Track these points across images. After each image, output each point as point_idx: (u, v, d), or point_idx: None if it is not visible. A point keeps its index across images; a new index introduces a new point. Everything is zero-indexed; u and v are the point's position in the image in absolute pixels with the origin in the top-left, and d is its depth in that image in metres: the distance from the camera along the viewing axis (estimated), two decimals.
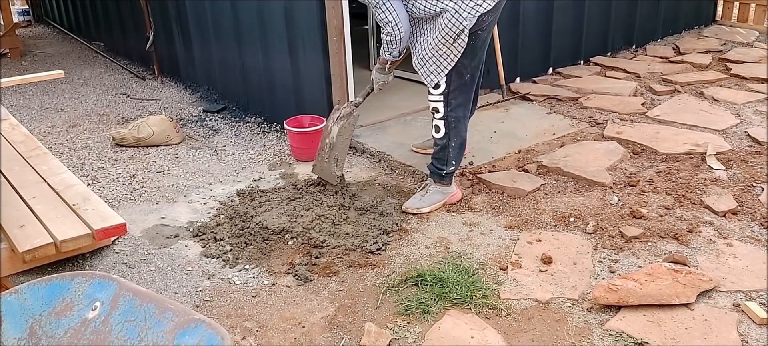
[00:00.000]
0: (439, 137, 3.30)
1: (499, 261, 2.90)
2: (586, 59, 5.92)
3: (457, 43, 3.04)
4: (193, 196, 3.70)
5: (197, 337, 1.60)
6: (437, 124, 3.28)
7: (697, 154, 3.84)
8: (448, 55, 3.09)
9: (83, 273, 1.88)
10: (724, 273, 2.72)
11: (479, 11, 3.00)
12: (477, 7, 3.00)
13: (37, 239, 2.84)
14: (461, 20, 3.00)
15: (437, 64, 3.13)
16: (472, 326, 2.46)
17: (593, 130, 4.34)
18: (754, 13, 7.05)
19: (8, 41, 7.49)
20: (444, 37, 3.04)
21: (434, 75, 3.16)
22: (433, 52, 3.11)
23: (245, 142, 4.49)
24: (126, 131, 4.51)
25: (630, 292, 2.53)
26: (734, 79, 5.30)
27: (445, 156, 3.32)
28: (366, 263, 2.91)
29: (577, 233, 3.11)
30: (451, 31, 3.02)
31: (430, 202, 3.37)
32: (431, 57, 3.13)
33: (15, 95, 5.87)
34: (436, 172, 3.37)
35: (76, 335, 1.77)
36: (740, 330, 2.38)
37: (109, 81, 6.31)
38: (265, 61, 4.66)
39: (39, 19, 10.15)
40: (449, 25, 3.01)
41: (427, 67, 3.17)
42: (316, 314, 2.60)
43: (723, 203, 3.27)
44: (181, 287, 2.82)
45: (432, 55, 3.12)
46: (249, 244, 3.10)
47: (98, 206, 3.12)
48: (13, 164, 3.55)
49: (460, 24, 3.00)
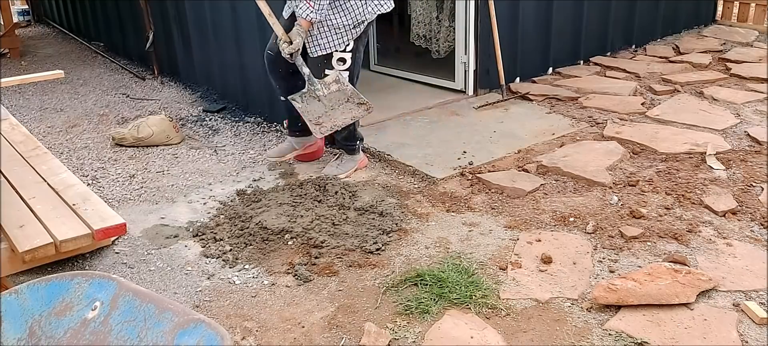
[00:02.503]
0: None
1: (499, 261, 2.90)
2: (585, 59, 5.92)
3: (356, 29, 3.49)
4: (193, 196, 3.70)
5: (197, 337, 1.60)
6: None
7: (696, 154, 3.84)
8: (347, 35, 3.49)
9: (83, 273, 1.88)
10: (724, 273, 2.72)
11: (380, 11, 3.54)
12: (379, 6, 3.52)
13: (36, 239, 2.84)
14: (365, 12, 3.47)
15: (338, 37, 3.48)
16: (472, 326, 2.46)
17: (593, 130, 4.35)
18: (754, 12, 7.05)
19: (8, 41, 7.48)
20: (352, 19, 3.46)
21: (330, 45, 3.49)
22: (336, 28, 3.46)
23: (245, 142, 4.48)
24: (126, 131, 4.51)
25: (630, 292, 2.54)
26: (734, 79, 5.30)
27: (352, 133, 3.76)
28: (366, 263, 2.91)
29: (576, 232, 3.11)
30: (356, 18, 3.46)
31: (346, 169, 3.82)
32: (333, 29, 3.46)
33: (15, 95, 5.87)
34: (349, 149, 3.84)
35: (76, 336, 1.77)
36: (740, 330, 2.39)
37: (108, 81, 6.31)
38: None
39: (39, 19, 10.14)
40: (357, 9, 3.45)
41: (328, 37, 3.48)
42: (315, 314, 2.60)
43: (723, 203, 3.27)
44: (180, 287, 2.82)
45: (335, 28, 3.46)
46: (249, 244, 3.10)
47: (98, 206, 3.12)
48: (13, 164, 3.55)
49: (363, 14, 3.47)
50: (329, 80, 3.54)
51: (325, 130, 3.55)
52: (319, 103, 3.54)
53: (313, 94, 3.52)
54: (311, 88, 3.53)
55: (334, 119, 3.55)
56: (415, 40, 5.80)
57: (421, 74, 5.48)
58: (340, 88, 3.55)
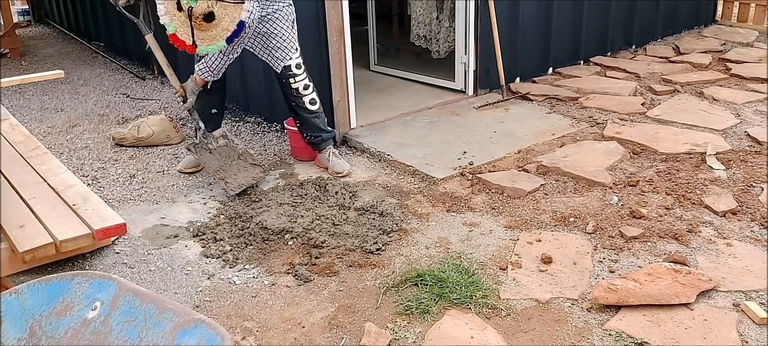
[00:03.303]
0: (317, 108, 3.80)
1: (499, 261, 2.90)
2: (585, 59, 5.92)
3: (294, 28, 3.65)
4: (193, 196, 3.70)
5: (197, 337, 1.60)
6: (313, 97, 3.77)
7: (697, 154, 3.84)
8: (293, 38, 3.66)
9: (83, 273, 1.87)
10: (724, 273, 2.72)
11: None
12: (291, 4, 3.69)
13: (37, 239, 2.84)
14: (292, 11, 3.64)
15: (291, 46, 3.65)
16: (472, 326, 2.46)
17: (593, 130, 4.35)
18: (754, 13, 7.05)
19: (8, 41, 7.49)
20: (291, 23, 3.62)
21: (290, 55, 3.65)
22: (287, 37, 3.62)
23: (245, 142, 4.48)
24: (126, 131, 4.51)
25: (630, 292, 2.54)
26: (734, 79, 5.31)
27: (324, 121, 3.88)
28: (366, 263, 2.91)
29: (576, 233, 3.11)
30: (289, 19, 3.61)
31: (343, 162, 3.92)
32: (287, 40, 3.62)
33: (15, 95, 5.87)
34: (329, 137, 3.93)
35: (76, 336, 1.76)
36: (740, 330, 2.39)
37: (108, 81, 6.31)
38: None
39: (39, 20, 10.14)
40: (289, 13, 3.61)
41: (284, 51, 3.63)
42: (316, 314, 2.60)
43: (723, 203, 3.27)
44: (181, 287, 2.82)
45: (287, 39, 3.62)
46: (249, 244, 3.10)
47: (98, 206, 3.12)
48: (13, 164, 3.55)
49: (293, 13, 3.64)
50: (217, 134, 3.77)
51: (233, 187, 3.59)
52: (211, 155, 3.62)
53: (205, 146, 3.62)
54: (203, 140, 3.64)
55: (237, 177, 3.64)
56: (415, 40, 5.80)
57: (421, 74, 5.48)
58: (228, 143, 3.71)
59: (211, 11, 3.16)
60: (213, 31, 3.23)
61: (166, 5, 3.26)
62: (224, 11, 3.19)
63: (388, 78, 5.65)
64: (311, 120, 3.81)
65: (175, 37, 3.28)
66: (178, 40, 3.28)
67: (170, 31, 3.28)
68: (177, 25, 3.25)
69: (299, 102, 3.76)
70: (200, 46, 3.27)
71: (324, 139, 3.90)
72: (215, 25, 3.21)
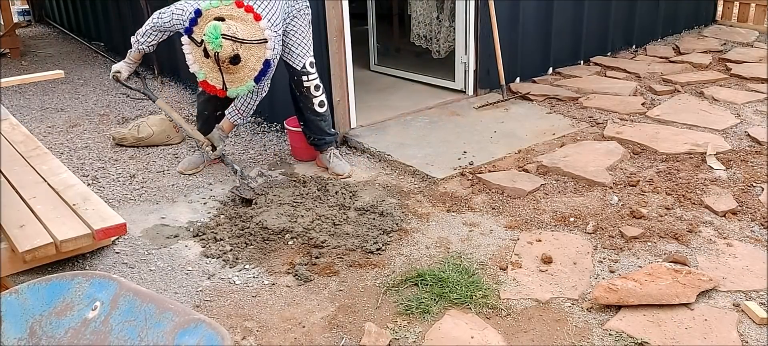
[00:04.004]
0: (324, 111, 3.83)
1: (499, 261, 2.90)
2: (586, 59, 5.92)
3: (310, 27, 3.69)
4: (193, 196, 3.70)
5: (197, 337, 1.60)
6: (322, 99, 3.80)
7: (697, 154, 3.84)
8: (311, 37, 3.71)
9: (83, 273, 1.88)
10: (724, 273, 2.72)
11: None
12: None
13: (37, 239, 2.84)
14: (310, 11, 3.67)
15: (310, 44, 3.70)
16: (472, 326, 2.46)
17: (593, 130, 4.35)
18: (754, 13, 7.05)
19: (8, 41, 7.49)
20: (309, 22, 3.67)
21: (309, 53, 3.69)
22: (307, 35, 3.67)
23: (245, 142, 4.48)
24: (126, 131, 4.51)
25: (630, 292, 2.54)
26: (734, 79, 5.31)
27: (329, 124, 3.91)
28: (366, 263, 2.91)
29: (577, 233, 3.11)
30: (308, 18, 3.66)
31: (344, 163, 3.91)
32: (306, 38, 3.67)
33: (15, 95, 5.87)
34: (333, 138, 3.95)
35: (77, 335, 1.77)
36: (740, 330, 2.39)
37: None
38: None
39: (39, 19, 10.14)
40: (309, 13, 3.65)
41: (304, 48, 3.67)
42: (316, 314, 2.60)
43: (723, 203, 3.27)
44: (181, 287, 2.82)
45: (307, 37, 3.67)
46: (249, 244, 3.10)
47: (98, 205, 3.12)
48: (13, 164, 3.55)
49: (310, 13, 3.67)
50: (254, 174, 3.74)
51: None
52: (259, 196, 3.53)
53: (248, 187, 3.58)
54: (243, 181, 3.64)
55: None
56: (415, 40, 5.80)
57: (422, 74, 5.49)
58: (266, 179, 3.69)
59: (237, 53, 3.21)
60: (241, 73, 3.30)
61: (193, 54, 3.33)
62: (249, 52, 3.25)
63: (388, 78, 5.66)
64: (317, 123, 3.83)
65: (206, 83, 3.36)
66: (208, 86, 3.37)
67: (201, 79, 3.36)
68: (206, 71, 3.32)
69: (308, 103, 3.76)
70: (230, 88, 3.34)
71: (327, 142, 3.92)
72: (242, 67, 3.27)
